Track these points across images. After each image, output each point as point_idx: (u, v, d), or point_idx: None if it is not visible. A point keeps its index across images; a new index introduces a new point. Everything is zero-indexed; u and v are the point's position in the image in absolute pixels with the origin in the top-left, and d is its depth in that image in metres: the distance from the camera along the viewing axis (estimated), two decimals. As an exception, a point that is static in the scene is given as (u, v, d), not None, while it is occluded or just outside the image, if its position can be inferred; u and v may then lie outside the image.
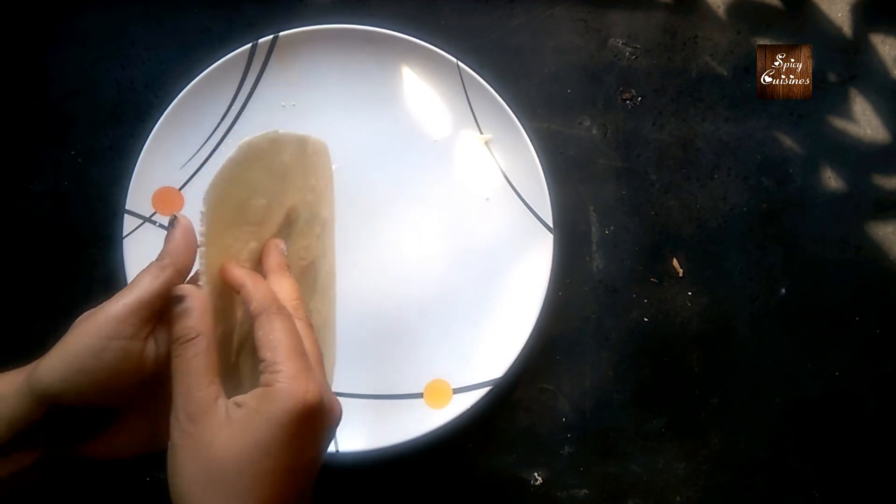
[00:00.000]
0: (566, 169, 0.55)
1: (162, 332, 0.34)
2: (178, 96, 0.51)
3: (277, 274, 0.37)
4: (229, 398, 0.32)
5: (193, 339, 0.32)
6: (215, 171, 0.35)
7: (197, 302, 0.33)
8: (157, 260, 0.34)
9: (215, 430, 0.30)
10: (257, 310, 0.33)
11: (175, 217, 0.35)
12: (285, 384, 0.31)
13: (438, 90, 0.53)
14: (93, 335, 0.32)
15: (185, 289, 0.34)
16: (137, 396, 0.34)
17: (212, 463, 0.30)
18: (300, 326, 0.35)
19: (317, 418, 0.32)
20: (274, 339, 0.32)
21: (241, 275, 0.35)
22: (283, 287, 0.36)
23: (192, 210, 0.54)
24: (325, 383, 0.34)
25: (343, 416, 0.35)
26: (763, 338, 0.56)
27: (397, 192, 0.54)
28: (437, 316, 0.53)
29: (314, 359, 0.34)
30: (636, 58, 0.56)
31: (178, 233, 0.35)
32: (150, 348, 0.33)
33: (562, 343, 0.55)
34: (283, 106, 0.53)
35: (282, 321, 0.33)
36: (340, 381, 0.47)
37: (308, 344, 0.34)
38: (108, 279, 0.54)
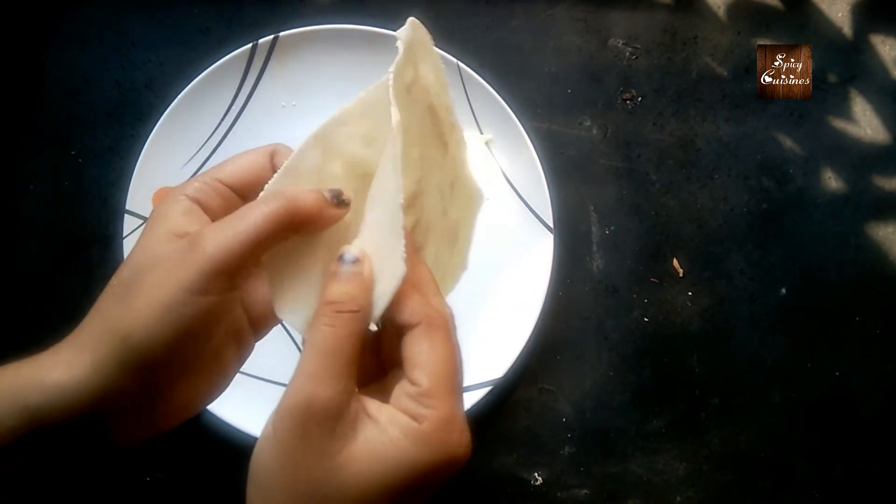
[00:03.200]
0: (566, 169, 0.55)
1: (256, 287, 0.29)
2: (178, 96, 0.51)
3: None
4: None
5: (355, 312, 0.26)
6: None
7: (368, 269, 0.27)
8: (273, 196, 0.27)
9: (340, 443, 0.25)
10: (416, 317, 0.27)
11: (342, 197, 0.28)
12: (437, 428, 0.25)
13: (438, 90, 0.53)
14: (181, 287, 0.26)
15: (357, 250, 0.27)
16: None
17: (322, 486, 0.24)
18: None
19: (454, 471, 0.27)
20: (435, 365, 0.26)
21: (426, 274, 0.29)
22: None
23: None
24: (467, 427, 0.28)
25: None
26: (763, 338, 0.56)
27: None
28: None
29: (461, 387, 0.28)
30: (636, 58, 0.56)
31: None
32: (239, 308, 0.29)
33: (562, 343, 0.55)
34: (283, 106, 0.53)
35: (444, 342, 0.27)
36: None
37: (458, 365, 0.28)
38: (108, 279, 0.54)
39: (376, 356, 0.31)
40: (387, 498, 0.25)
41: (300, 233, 0.28)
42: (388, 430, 0.25)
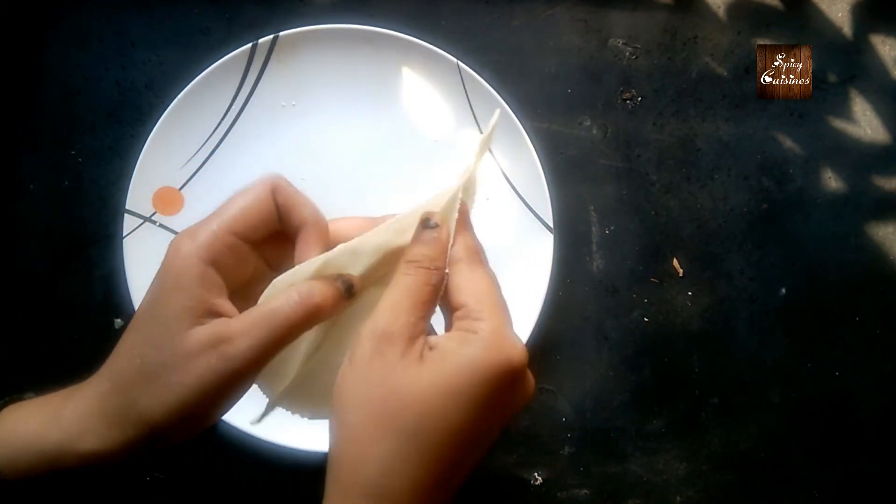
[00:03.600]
0: (566, 169, 0.55)
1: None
2: (178, 96, 0.51)
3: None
4: None
5: (433, 270, 0.30)
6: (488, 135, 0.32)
7: (445, 233, 0.30)
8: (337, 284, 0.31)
9: (408, 361, 0.27)
10: (458, 255, 0.31)
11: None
12: (491, 335, 0.28)
13: (438, 90, 0.53)
14: (214, 395, 0.29)
15: (440, 217, 0.31)
16: None
17: (394, 396, 0.27)
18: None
19: (515, 386, 0.29)
20: (477, 288, 0.30)
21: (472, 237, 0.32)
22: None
23: (193, 210, 0.54)
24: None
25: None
26: (763, 338, 0.56)
27: (397, 193, 0.54)
28: (437, 316, 0.53)
29: (507, 309, 0.31)
30: (636, 58, 0.56)
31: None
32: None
33: (562, 343, 0.55)
34: (283, 106, 0.53)
35: (483, 273, 0.31)
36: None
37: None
38: (108, 279, 0.54)
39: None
40: (454, 407, 0.27)
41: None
42: (447, 346, 0.28)
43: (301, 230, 0.32)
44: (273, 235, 0.33)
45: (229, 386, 0.29)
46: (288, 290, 0.30)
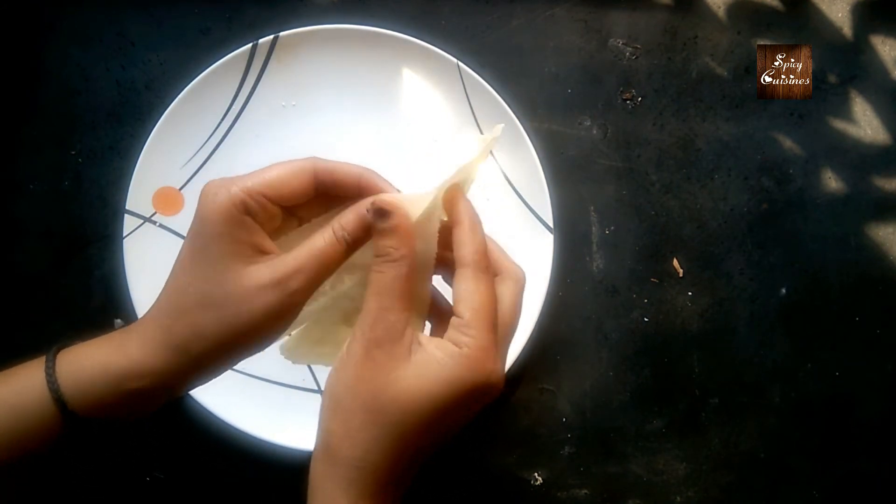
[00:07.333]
0: (566, 169, 0.55)
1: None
2: (178, 96, 0.51)
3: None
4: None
5: (397, 260, 0.32)
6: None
7: (401, 220, 0.32)
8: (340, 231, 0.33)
9: (396, 362, 0.31)
10: (466, 260, 0.33)
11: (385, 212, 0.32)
12: (475, 353, 0.31)
13: (438, 90, 0.53)
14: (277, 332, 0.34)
15: (390, 202, 0.32)
16: None
17: (383, 393, 0.31)
18: (498, 291, 0.35)
19: (487, 397, 0.32)
20: (476, 301, 0.32)
21: (469, 211, 0.34)
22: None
23: (192, 210, 0.54)
24: (504, 360, 0.34)
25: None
26: (763, 338, 0.56)
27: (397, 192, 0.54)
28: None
29: (504, 330, 0.34)
30: (636, 58, 0.56)
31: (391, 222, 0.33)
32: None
33: (562, 343, 0.55)
34: (283, 106, 0.53)
35: (487, 284, 0.33)
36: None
37: (504, 310, 0.34)
38: (108, 279, 0.54)
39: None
40: (431, 408, 0.31)
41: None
42: (435, 353, 0.31)
43: (362, 178, 0.36)
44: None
45: (288, 313, 0.33)
46: (325, 227, 0.33)
